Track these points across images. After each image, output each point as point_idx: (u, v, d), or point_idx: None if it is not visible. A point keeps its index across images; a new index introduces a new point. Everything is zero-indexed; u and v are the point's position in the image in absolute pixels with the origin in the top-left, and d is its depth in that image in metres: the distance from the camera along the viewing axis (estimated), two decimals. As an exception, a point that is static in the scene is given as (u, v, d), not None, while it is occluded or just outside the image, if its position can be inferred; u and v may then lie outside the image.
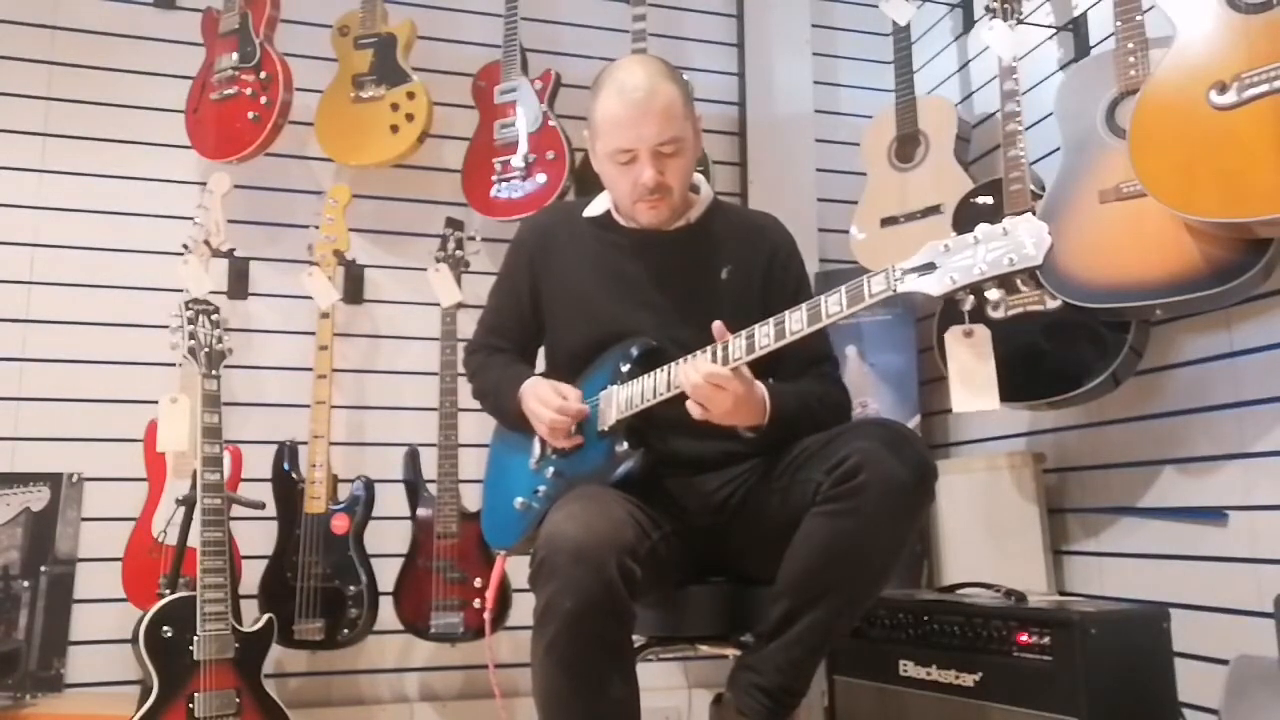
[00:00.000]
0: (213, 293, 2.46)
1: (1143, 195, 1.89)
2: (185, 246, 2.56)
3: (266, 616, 2.24)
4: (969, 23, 3.02)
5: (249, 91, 2.66)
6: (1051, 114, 2.24)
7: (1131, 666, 1.82)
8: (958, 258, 1.41)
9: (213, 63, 2.73)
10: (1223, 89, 1.76)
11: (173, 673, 2.07)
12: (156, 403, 2.36)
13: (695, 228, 1.86)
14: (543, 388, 1.77)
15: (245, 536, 2.44)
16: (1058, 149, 2.19)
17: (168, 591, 2.16)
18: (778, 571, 1.58)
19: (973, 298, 1.42)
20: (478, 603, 2.49)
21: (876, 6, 2.96)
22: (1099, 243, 2.01)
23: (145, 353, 2.64)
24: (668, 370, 1.65)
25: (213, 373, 2.27)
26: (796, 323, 1.53)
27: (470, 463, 2.61)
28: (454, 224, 2.76)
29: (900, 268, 1.46)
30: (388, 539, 2.62)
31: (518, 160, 2.79)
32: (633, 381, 1.71)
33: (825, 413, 1.76)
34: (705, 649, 1.80)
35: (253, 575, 2.48)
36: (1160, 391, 2.21)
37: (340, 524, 2.50)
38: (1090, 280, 2.01)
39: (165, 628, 2.08)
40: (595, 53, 3.10)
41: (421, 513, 2.59)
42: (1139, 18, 2.02)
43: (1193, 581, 2.10)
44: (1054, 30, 2.57)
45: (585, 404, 1.75)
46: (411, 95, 2.74)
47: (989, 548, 2.50)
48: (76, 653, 2.51)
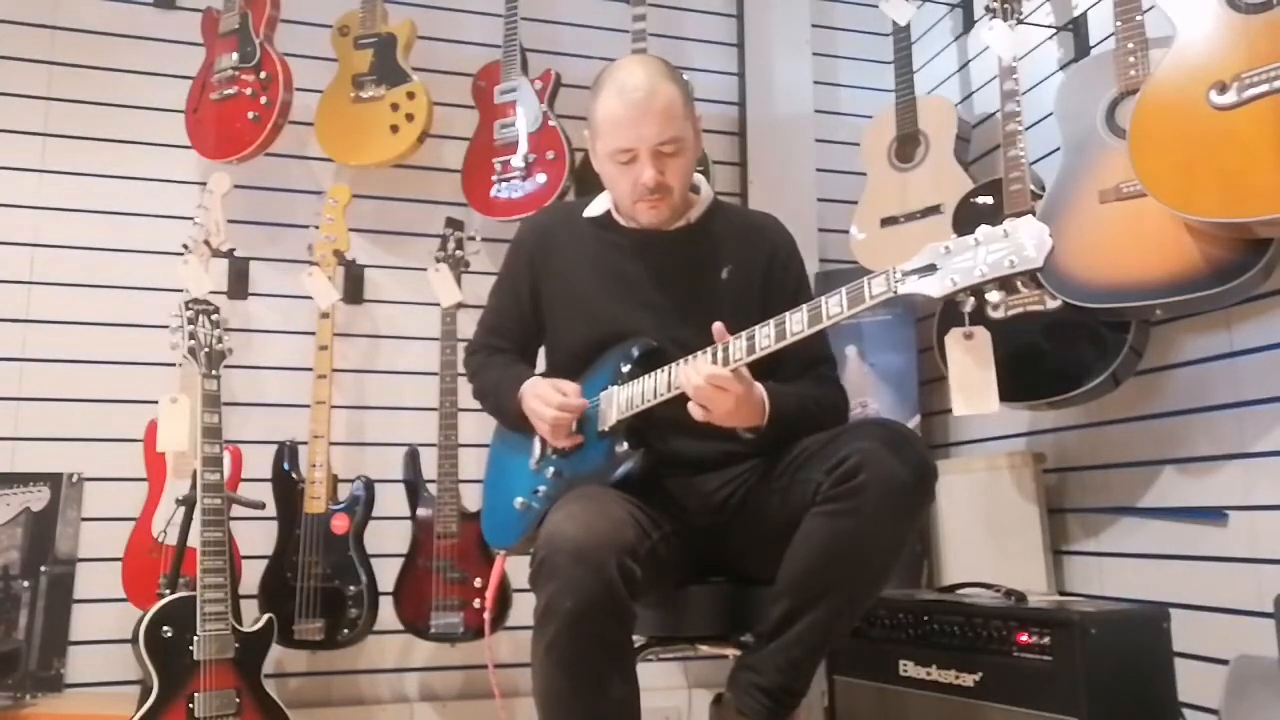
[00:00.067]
0: (213, 293, 2.46)
1: (1143, 195, 1.89)
2: (185, 246, 2.56)
3: (266, 616, 2.24)
4: (969, 23, 3.02)
5: (249, 91, 2.66)
6: (1051, 114, 2.24)
7: (1131, 666, 1.81)
8: (958, 259, 1.42)
9: (213, 63, 2.73)
10: (1223, 89, 1.76)
11: (173, 673, 2.07)
12: (156, 403, 2.36)
13: (695, 228, 1.86)
14: (542, 386, 1.77)
15: (245, 536, 2.44)
16: (1058, 149, 2.19)
17: (168, 591, 2.16)
18: (778, 571, 1.58)
19: (973, 299, 1.42)
20: (478, 603, 2.49)
21: (876, 6, 2.95)
22: (1099, 243, 2.01)
23: (145, 353, 2.64)
24: (668, 371, 1.65)
25: (213, 373, 2.27)
26: (797, 324, 1.53)
27: (470, 463, 2.61)
28: (454, 224, 2.76)
29: (901, 269, 1.46)
30: (388, 539, 2.62)
31: (518, 160, 2.79)
32: (633, 382, 1.71)
33: (824, 414, 1.76)
34: (705, 649, 1.80)
35: (253, 575, 2.48)
36: (1160, 391, 2.21)
37: (340, 524, 2.50)
38: (1090, 280, 2.01)
39: (165, 628, 2.08)
40: (595, 53, 3.10)
41: (421, 513, 2.59)
42: (1139, 18, 2.02)
43: (1193, 581, 2.10)
44: (1054, 30, 2.57)
45: (585, 399, 1.75)
46: (411, 95, 2.74)
47: (989, 548, 2.50)
48: (76, 653, 2.51)
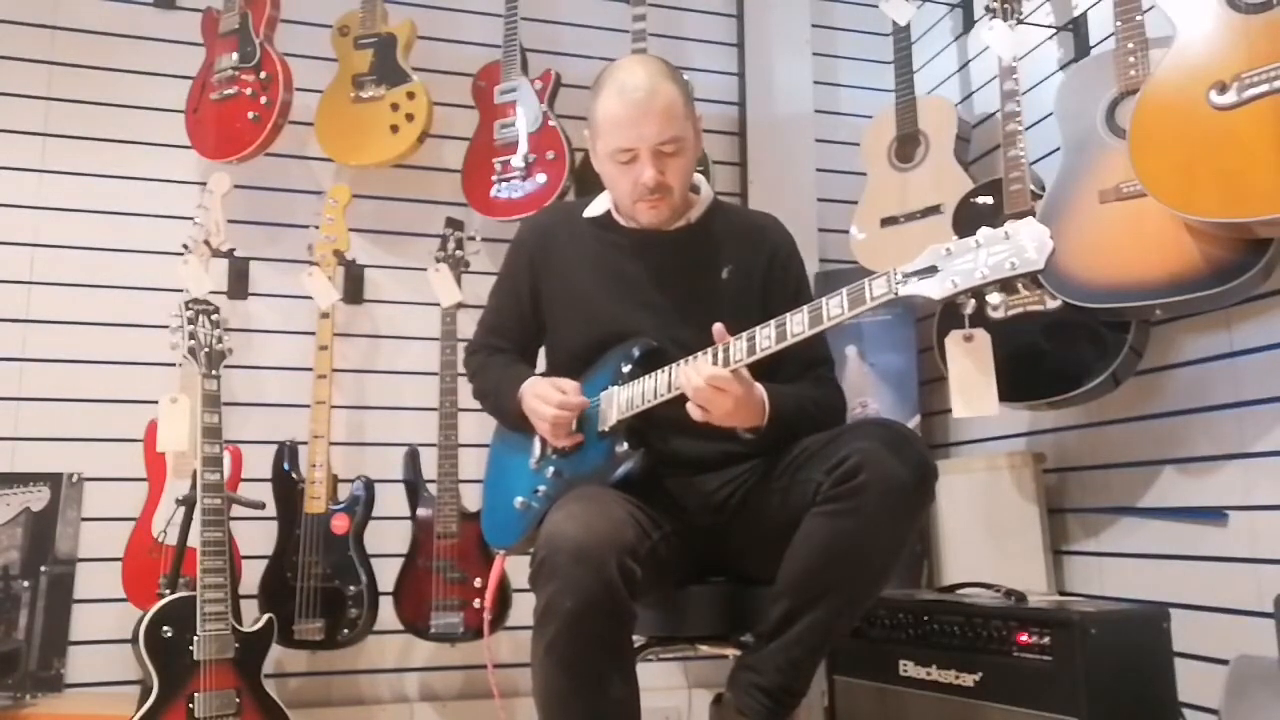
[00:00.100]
0: (213, 293, 2.46)
1: (1143, 195, 1.89)
2: (185, 246, 2.56)
3: (266, 616, 2.24)
4: (969, 23, 3.02)
5: (249, 91, 2.66)
6: (1051, 114, 2.24)
7: (1131, 666, 1.81)
8: (959, 261, 1.41)
9: (213, 63, 2.73)
10: (1223, 89, 1.76)
11: (173, 673, 2.07)
12: (156, 403, 2.36)
13: (695, 228, 1.86)
14: (541, 385, 1.77)
15: (245, 536, 2.44)
16: (1058, 149, 2.19)
17: (168, 591, 2.16)
18: (778, 571, 1.58)
19: (974, 301, 1.42)
20: (478, 603, 2.49)
21: (876, 6, 2.95)
22: (1099, 243, 2.01)
23: (145, 353, 2.64)
24: (669, 371, 1.65)
25: (213, 373, 2.27)
26: (798, 325, 1.53)
27: (470, 463, 2.61)
28: (454, 224, 2.76)
29: (902, 271, 1.45)
30: (388, 539, 2.62)
31: (518, 160, 2.79)
32: (634, 382, 1.71)
33: (822, 415, 1.76)
34: (705, 649, 1.80)
35: (253, 575, 2.48)
36: (1160, 391, 2.21)
37: (340, 524, 2.50)
38: (1090, 280, 2.00)
39: (165, 628, 2.08)
40: (595, 53, 3.10)
41: (421, 513, 2.59)
42: (1139, 18, 2.02)
43: (1193, 581, 2.10)
44: (1054, 30, 2.57)
45: (585, 398, 1.75)
46: (411, 95, 2.74)
47: (989, 548, 2.50)
48: (76, 653, 2.51)
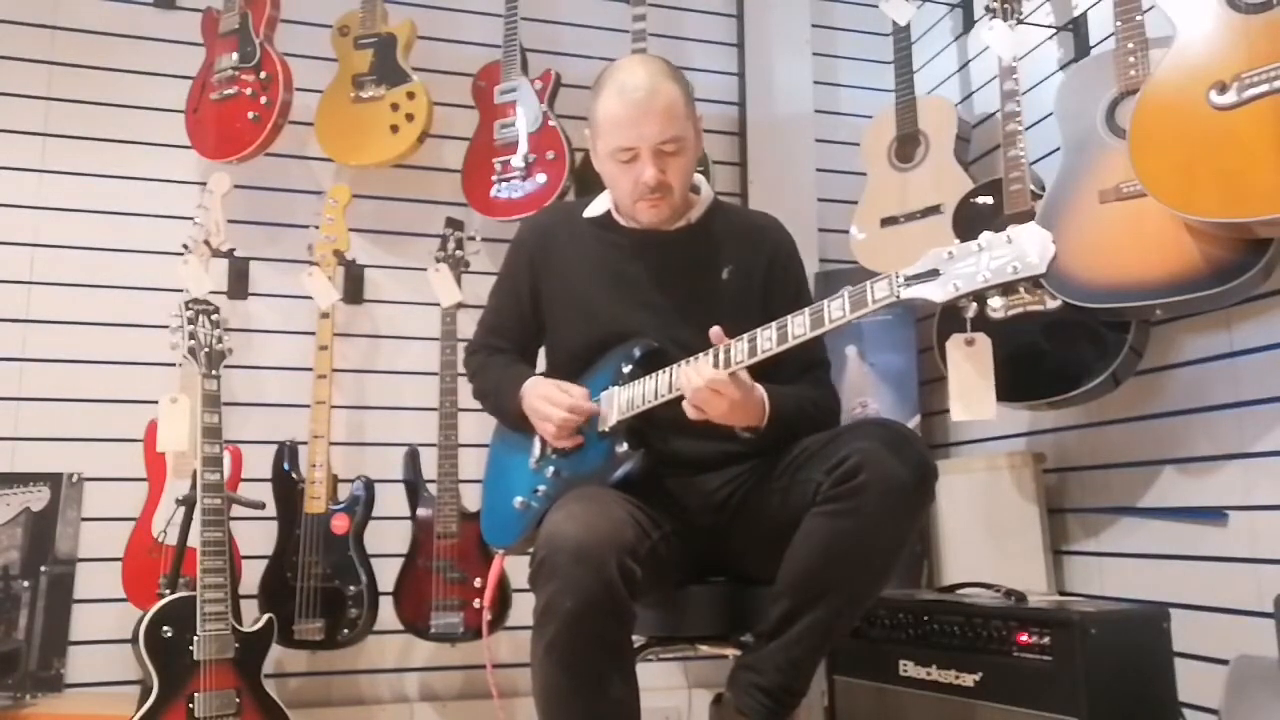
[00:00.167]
0: (213, 293, 2.46)
1: (1143, 195, 1.89)
2: (185, 246, 2.56)
3: (266, 616, 2.24)
4: (969, 23, 3.02)
5: (249, 91, 2.66)
6: (1051, 114, 2.23)
7: (1131, 666, 1.81)
8: (961, 265, 1.41)
9: (213, 63, 2.73)
10: (1223, 89, 1.76)
11: (173, 673, 2.07)
12: (156, 403, 2.36)
13: (696, 228, 1.86)
14: (546, 387, 1.77)
15: (245, 536, 2.44)
16: (1058, 149, 2.19)
17: (168, 591, 2.16)
18: (778, 571, 1.58)
19: (975, 304, 1.42)
20: (478, 603, 2.48)
21: (876, 6, 2.95)
22: (1099, 243, 2.01)
23: (145, 353, 2.64)
24: (669, 372, 1.65)
25: (213, 373, 2.27)
26: (799, 327, 1.53)
27: (470, 463, 2.60)
28: (454, 224, 2.76)
29: (904, 274, 1.45)
30: (388, 539, 2.62)
31: (518, 160, 2.79)
32: (634, 383, 1.71)
33: (821, 415, 1.77)
34: (705, 649, 1.80)
35: (253, 575, 2.48)
36: (1160, 391, 2.21)
37: (340, 524, 2.50)
38: (1090, 280, 2.00)
39: (165, 628, 2.08)
40: (595, 53, 3.10)
41: (421, 513, 2.59)
42: (1139, 18, 2.02)
43: (1193, 581, 2.10)
44: (1054, 30, 2.57)
45: (593, 403, 1.75)
46: (411, 95, 2.74)
47: (989, 548, 2.50)
48: (76, 653, 2.51)
